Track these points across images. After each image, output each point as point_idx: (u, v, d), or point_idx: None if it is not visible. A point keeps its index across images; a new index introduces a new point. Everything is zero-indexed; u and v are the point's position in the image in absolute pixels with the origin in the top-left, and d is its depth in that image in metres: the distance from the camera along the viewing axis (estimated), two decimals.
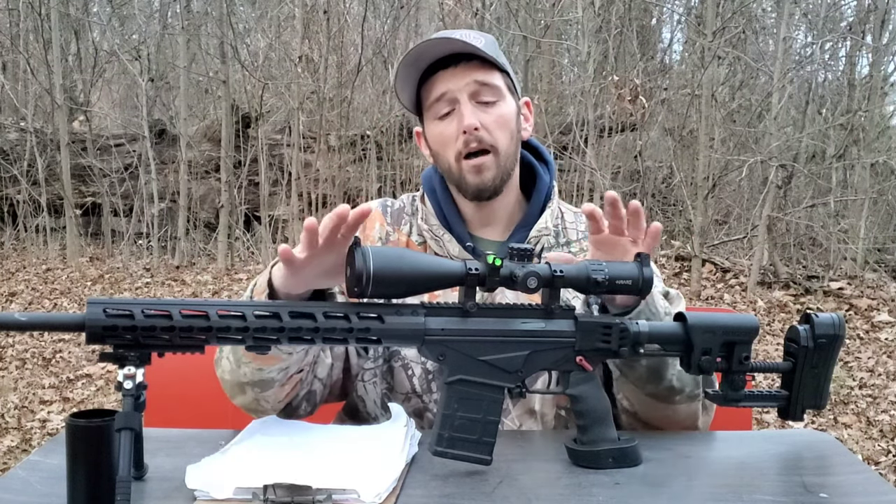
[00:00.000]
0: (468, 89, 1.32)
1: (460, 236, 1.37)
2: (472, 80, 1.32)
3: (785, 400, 1.18)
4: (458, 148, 1.32)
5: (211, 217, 8.22)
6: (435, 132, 1.36)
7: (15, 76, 9.39)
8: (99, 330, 0.91)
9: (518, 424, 1.33)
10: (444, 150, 1.35)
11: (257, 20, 9.57)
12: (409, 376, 1.35)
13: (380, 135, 8.15)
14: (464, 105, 1.32)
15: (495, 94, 1.34)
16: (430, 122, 1.37)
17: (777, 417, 1.83)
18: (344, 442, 1.14)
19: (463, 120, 1.31)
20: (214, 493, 0.96)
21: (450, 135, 1.33)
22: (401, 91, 1.38)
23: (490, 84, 1.33)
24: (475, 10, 7.44)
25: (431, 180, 1.42)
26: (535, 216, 1.40)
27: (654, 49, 9.69)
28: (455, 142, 1.32)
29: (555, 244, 1.41)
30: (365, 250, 1.00)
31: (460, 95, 1.32)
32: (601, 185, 7.17)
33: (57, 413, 4.10)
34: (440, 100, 1.33)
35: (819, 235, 7.16)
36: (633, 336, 1.10)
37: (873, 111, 7.62)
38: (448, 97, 1.33)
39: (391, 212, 1.44)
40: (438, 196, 1.40)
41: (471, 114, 1.31)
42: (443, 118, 1.34)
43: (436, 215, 1.39)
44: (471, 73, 1.32)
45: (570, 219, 1.45)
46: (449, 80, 1.32)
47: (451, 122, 1.33)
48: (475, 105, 1.32)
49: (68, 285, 6.94)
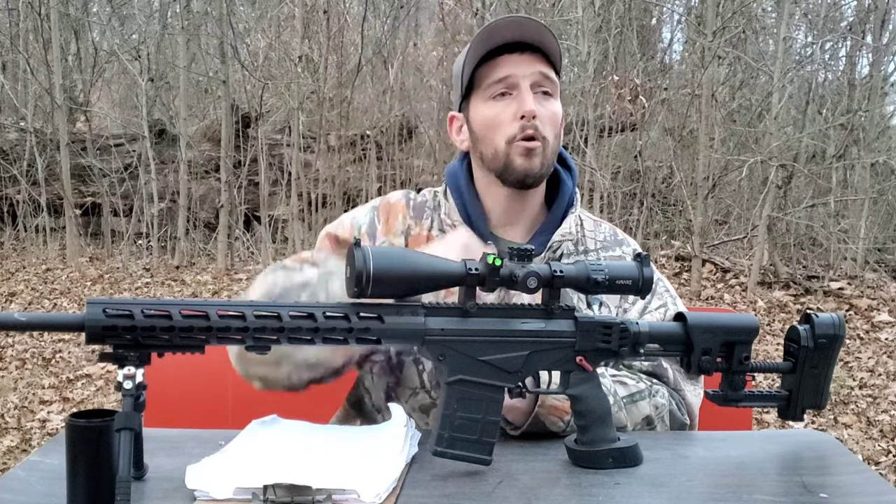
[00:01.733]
0: (532, 78, 1.31)
1: (482, 234, 1.36)
2: (537, 70, 1.31)
3: (785, 400, 1.18)
4: (513, 132, 1.31)
5: (211, 217, 8.22)
6: (488, 113, 1.33)
7: (15, 76, 9.39)
8: (99, 330, 0.91)
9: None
10: (494, 133, 1.33)
11: (257, 20, 9.57)
12: (420, 371, 1.34)
13: (380, 135, 8.15)
14: (525, 91, 1.31)
15: (553, 90, 1.34)
16: (481, 102, 1.34)
17: (777, 417, 1.83)
18: (344, 442, 1.14)
19: (524, 104, 1.30)
20: (214, 493, 0.96)
21: (505, 117, 1.31)
22: (466, 67, 1.35)
23: (551, 78, 1.33)
24: (475, 10, 7.44)
25: (457, 176, 1.41)
26: (556, 221, 1.39)
27: (654, 49, 9.69)
28: (509, 125, 1.31)
29: (574, 251, 1.40)
30: (365, 250, 1.00)
31: (523, 82, 1.31)
32: (601, 185, 7.17)
33: (57, 413, 4.10)
34: (501, 81, 1.32)
35: (819, 235, 7.16)
36: (633, 336, 1.10)
37: (873, 111, 7.62)
38: (510, 81, 1.31)
39: (413, 205, 1.43)
40: (463, 192, 1.38)
41: (532, 100, 1.30)
42: (498, 99, 1.33)
43: (458, 211, 1.38)
44: (536, 63, 1.32)
45: (590, 227, 1.45)
46: (515, 64, 1.31)
47: (507, 106, 1.31)
48: (534, 95, 1.32)
49: (68, 285, 6.94)
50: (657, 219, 8.03)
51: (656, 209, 7.99)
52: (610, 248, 1.43)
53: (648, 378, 1.32)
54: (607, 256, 1.41)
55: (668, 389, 1.33)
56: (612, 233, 1.46)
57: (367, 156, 8.17)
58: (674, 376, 1.34)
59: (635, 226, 7.46)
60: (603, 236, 1.44)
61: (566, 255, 1.39)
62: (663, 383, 1.33)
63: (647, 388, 1.29)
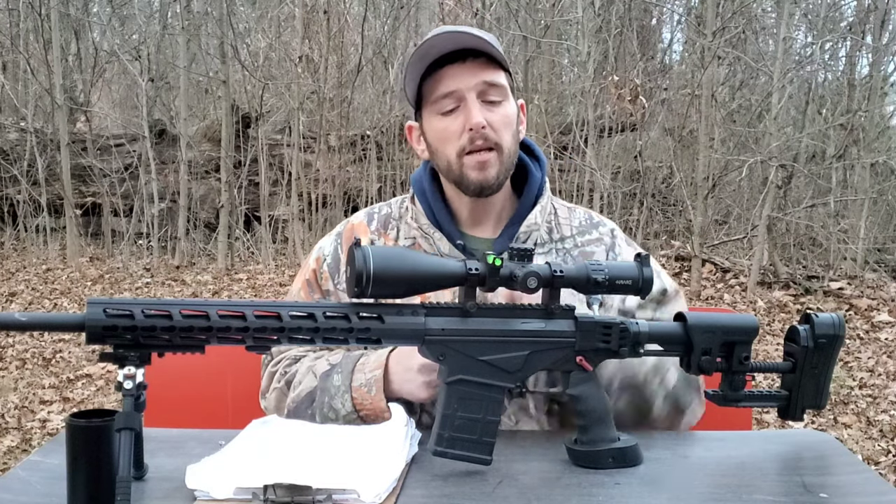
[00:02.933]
0: (476, 88, 1.32)
1: (450, 235, 1.37)
2: (481, 80, 1.32)
3: (785, 400, 1.18)
4: (462, 144, 1.32)
5: (211, 217, 8.22)
6: (438, 127, 1.35)
7: (15, 76, 9.40)
8: (99, 330, 0.91)
9: (514, 421, 1.33)
10: (445, 147, 1.34)
11: (257, 20, 9.57)
12: None
13: (380, 135, 8.15)
14: (472, 103, 1.31)
15: (501, 94, 1.34)
16: (431, 116, 1.36)
17: (777, 417, 1.83)
18: (344, 442, 1.14)
19: (471, 118, 1.30)
20: (214, 493, 0.96)
21: (453, 131, 1.32)
22: (408, 82, 1.37)
23: (497, 84, 1.33)
24: (475, 10, 7.44)
25: (421, 181, 1.43)
26: (525, 212, 1.40)
27: (654, 49, 9.70)
28: (458, 138, 1.32)
29: (548, 240, 1.41)
30: (365, 250, 1.00)
31: (468, 94, 1.31)
32: (601, 185, 7.17)
33: (57, 413, 4.10)
34: (447, 96, 1.33)
35: (819, 235, 7.16)
36: (633, 336, 1.10)
37: (873, 111, 7.62)
38: (456, 95, 1.32)
39: (378, 218, 1.46)
40: (428, 196, 1.40)
41: (479, 112, 1.31)
42: (447, 114, 1.33)
43: (426, 215, 1.39)
44: (479, 71, 1.32)
45: (564, 214, 1.45)
46: (457, 77, 1.32)
47: (455, 119, 1.32)
48: (482, 104, 1.32)
49: (68, 285, 6.94)
50: (657, 219, 8.03)
51: (656, 209, 7.99)
52: (586, 231, 1.44)
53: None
54: (584, 241, 1.42)
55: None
56: (586, 217, 1.47)
57: (368, 156, 8.17)
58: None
59: (635, 226, 7.46)
60: (578, 221, 1.45)
61: (539, 244, 1.39)
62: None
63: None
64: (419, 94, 1.37)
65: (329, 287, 1.42)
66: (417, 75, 1.34)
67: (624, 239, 1.44)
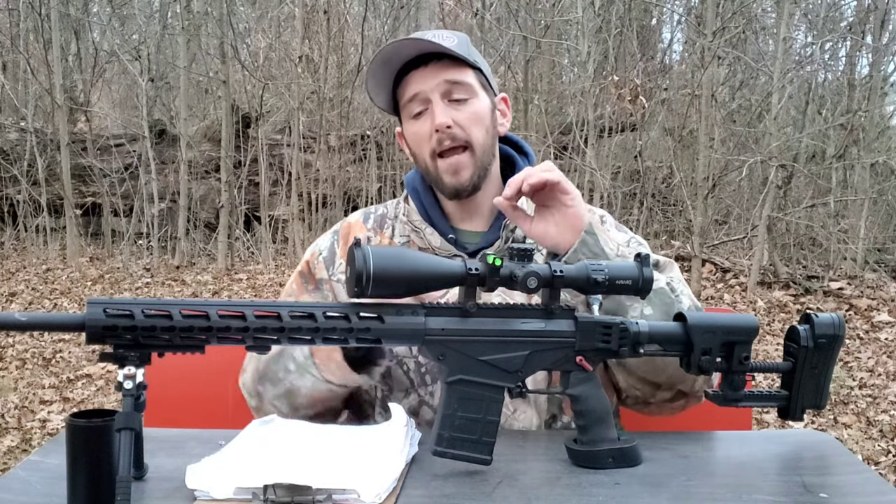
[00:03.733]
0: (440, 89, 1.34)
1: (442, 230, 1.40)
2: (442, 80, 1.34)
3: (785, 400, 1.18)
4: (432, 146, 1.34)
5: (211, 217, 8.22)
6: (410, 132, 1.38)
7: (15, 76, 9.40)
8: (99, 330, 0.91)
9: (512, 410, 1.32)
10: (420, 150, 1.37)
11: (257, 20, 9.57)
12: (406, 371, 1.36)
13: (380, 135, 8.15)
14: (436, 104, 1.33)
15: (467, 92, 1.35)
16: (406, 121, 1.39)
17: (777, 417, 1.83)
18: (344, 442, 1.14)
19: (435, 118, 1.33)
20: (214, 493, 0.96)
21: (424, 134, 1.35)
22: (375, 93, 1.40)
23: (461, 82, 1.35)
24: (475, 10, 7.44)
25: (414, 181, 1.46)
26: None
27: (654, 49, 9.70)
28: (429, 140, 1.34)
29: None
30: (365, 250, 1.00)
31: (432, 95, 1.34)
32: (601, 185, 7.17)
33: (57, 413, 4.10)
34: (413, 100, 1.36)
35: (819, 235, 7.16)
36: (633, 336, 1.10)
37: (873, 111, 7.62)
38: (421, 97, 1.35)
39: (374, 217, 1.48)
40: (420, 194, 1.43)
41: (442, 112, 1.33)
42: (416, 117, 1.36)
43: (418, 212, 1.42)
44: (442, 72, 1.34)
45: None
46: (420, 80, 1.34)
47: (424, 121, 1.35)
48: (448, 104, 1.34)
49: (68, 285, 6.94)
50: (657, 219, 8.03)
51: (656, 209, 7.99)
52: None
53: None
54: None
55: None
56: None
57: (368, 156, 8.18)
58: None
59: (635, 226, 7.46)
60: None
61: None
62: None
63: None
64: (396, 102, 1.40)
65: (323, 276, 1.43)
66: (385, 83, 1.38)
67: (614, 224, 1.45)
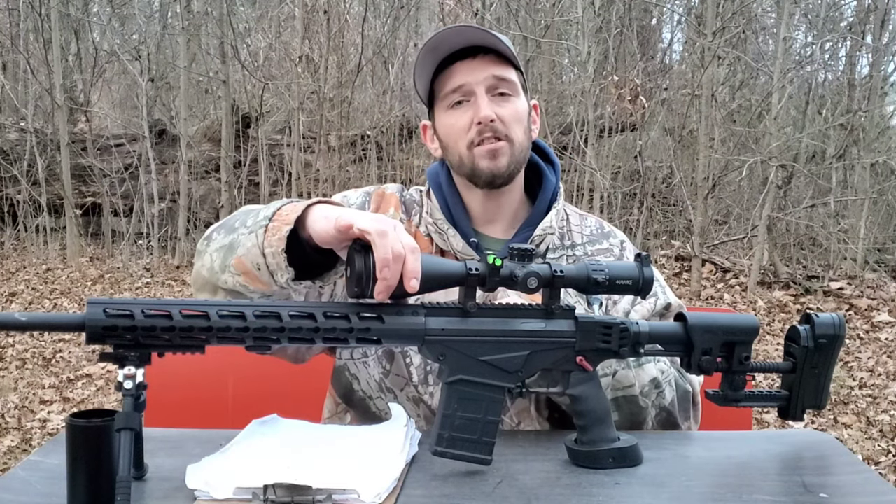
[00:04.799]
0: (486, 83, 1.33)
1: (465, 232, 1.37)
2: (490, 75, 1.32)
3: (785, 400, 1.18)
4: (472, 137, 1.33)
5: (211, 217, 8.21)
6: (447, 122, 1.36)
7: (15, 76, 9.40)
8: (99, 330, 0.91)
9: (516, 422, 1.33)
10: (456, 141, 1.35)
11: (257, 20, 9.57)
12: (407, 364, 1.35)
13: (380, 135, 8.15)
14: (480, 97, 1.32)
15: (512, 90, 1.35)
16: (442, 111, 1.37)
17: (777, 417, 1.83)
18: (344, 442, 1.14)
19: (479, 111, 1.31)
20: (214, 493, 0.96)
21: (462, 125, 1.33)
22: (418, 79, 1.38)
23: (507, 79, 1.34)
24: (475, 10, 7.44)
25: (438, 175, 1.43)
26: (540, 215, 1.40)
27: (654, 49, 9.70)
28: (468, 132, 1.33)
29: (560, 246, 1.41)
30: (365, 251, 1.00)
31: (478, 88, 1.32)
32: (601, 185, 7.17)
33: (57, 413, 4.10)
34: (456, 91, 1.34)
35: (819, 235, 7.16)
36: (634, 336, 1.10)
37: (873, 111, 7.62)
38: (465, 89, 1.33)
39: (406, 201, 1.45)
40: (444, 191, 1.40)
41: (487, 105, 1.31)
42: (454, 108, 1.34)
43: (441, 210, 1.39)
44: (490, 66, 1.33)
45: (576, 221, 1.46)
46: (467, 72, 1.33)
47: (465, 112, 1.33)
48: (492, 98, 1.33)
49: (68, 285, 6.94)
50: (657, 219, 8.03)
51: (656, 209, 7.99)
52: (597, 241, 1.45)
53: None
54: (594, 250, 1.43)
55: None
56: (598, 225, 1.48)
57: (368, 156, 8.17)
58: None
59: (635, 226, 7.46)
60: (590, 230, 1.45)
61: (551, 249, 1.40)
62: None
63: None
64: (431, 92, 1.38)
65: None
66: (428, 71, 1.35)
67: (633, 251, 1.45)
